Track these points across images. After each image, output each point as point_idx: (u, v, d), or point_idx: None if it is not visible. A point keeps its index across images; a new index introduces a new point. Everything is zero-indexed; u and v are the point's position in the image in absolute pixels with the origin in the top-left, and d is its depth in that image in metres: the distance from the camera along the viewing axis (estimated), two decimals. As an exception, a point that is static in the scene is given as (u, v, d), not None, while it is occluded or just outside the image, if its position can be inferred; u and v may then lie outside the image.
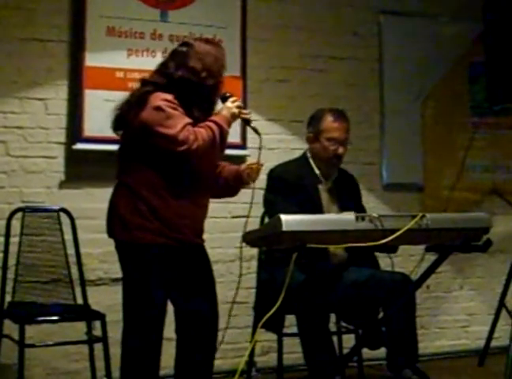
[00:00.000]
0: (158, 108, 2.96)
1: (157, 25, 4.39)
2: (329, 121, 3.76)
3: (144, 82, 3.13)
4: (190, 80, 3.06)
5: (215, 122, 3.03)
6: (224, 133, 3.04)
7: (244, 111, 3.21)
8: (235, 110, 3.14)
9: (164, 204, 3.00)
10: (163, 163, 3.00)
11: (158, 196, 3.00)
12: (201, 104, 3.08)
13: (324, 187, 3.80)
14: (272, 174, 3.79)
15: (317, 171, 3.80)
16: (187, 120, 2.98)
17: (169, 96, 3.00)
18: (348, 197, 3.81)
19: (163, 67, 3.14)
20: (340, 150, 3.75)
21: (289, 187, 3.67)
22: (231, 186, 3.29)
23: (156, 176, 3.01)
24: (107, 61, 4.26)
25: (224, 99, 3.16)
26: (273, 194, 3.71)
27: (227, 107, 3.13)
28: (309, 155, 3.84)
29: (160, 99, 2.98)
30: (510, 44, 4.54)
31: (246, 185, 3.27)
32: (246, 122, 3.25)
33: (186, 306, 3.11)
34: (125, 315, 3.09)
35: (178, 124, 2.94)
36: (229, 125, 3.10)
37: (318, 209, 3.66)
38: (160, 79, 3.08)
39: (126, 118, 3.05)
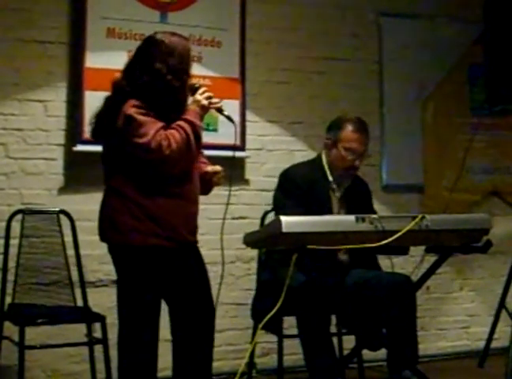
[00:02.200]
0: (129, 117, 2.93)
1: (157, 27, 4.35)
2: (349, 130, 3.71)
3: (114, 88, 3.10)
4: (156, 84, 3.00)
5: (186, 120, 3.00)
6: (197, 129, 3.01)
7: (214, 100, 3.14)
8: (205, 102, 3.10)
9: (154, 203, 2.99)
10: (143, 170, 2.99)
11: (146, 196, 2.99)
12: (169, 105, 3.04)
13: (335, 194, 3.77)
14: (285, 176, 3.76)
15: (330, 178, 3.76)
16: (159, 124, 2.95)
17: (138, 102, 2.97)
18: (358, 204, 3.76)
19: (129, 70, 3.10)
20: (357, 163, 3.71)
21: (301, 192, 3.64)
22: (204, 184, 3.24)
23: (141, 178, 3.00)
24: (107, 63, 4.24)
25: (194, 92, 3.12)
26: (285, 196, 3.68)
27: (196, 101, 3.09)
28: (324, 160, 3.80)
29: (131, 106, 2.96)
30: (509, 45, 4.54)
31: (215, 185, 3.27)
32: (219, 111, 3.20)
33: (182, 307, 3.10)
34: (120, 317, 3.09)
35: (150, 130, 2.91)
36: (201, 118, 3.07)
37: None
38: (126, 84, 3.04)
39: (102, 129, 3.06)
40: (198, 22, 4.46)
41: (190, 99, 3.12)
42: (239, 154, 4.44)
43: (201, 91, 3.11)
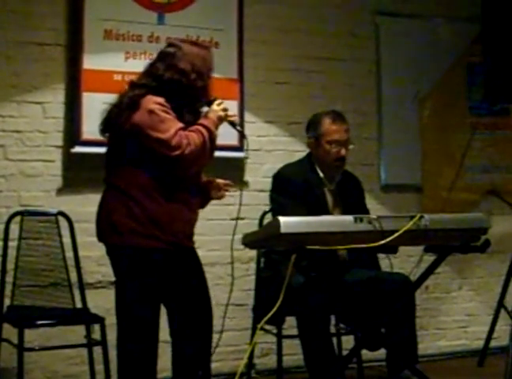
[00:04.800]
0: (151, 112, 2.95)
1: (154, 28, 4.38)
2: (328, 124, 3.75)
3: (133, 85, 3.11)
4: (180, 81, 3.04)
5: (204, 126, 3.02)
6: (213, 137, 3.04)
7: (230, 114, 3.21)
8: (222, 113, 3.13)
9: (158, 206, 2.99)
10: (155, 166, 2.98)
11: (151, 198, 2.98)
12: (190, 107, 3.08)
13: (328, 190, 3.80)
14: (280, 176, 3.78)
15: (321, 175, 3.79)
16: (179, 125, 2.97)
17: (161, 100, 2.99)
18: (351, 199, 3.80)
19: (151, 68, 3.12)
20: (343, 151, 3.74)
21: (297, 190, 3.66)
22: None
23: (147, 179, 2.99)
24: (105, 64, 4.25)
25: (209, 103, 3.15)
26: (283, 196, 3.69)
27: (213, 110, 3.12)
28: (313, 158, 3.82)
29: (153, 102, 2.97)
30: (507, 44, 4.55)
31: (212, 199, 3.31)
32: (232, 125, 3.25)
33: (180, 309, 3.10)
34: (119, 319, 3.09)
35: (171, 128, 2.93)
36: (217, 128, 3.10)
37: (325, 213, 3.65)
38: (149, 81, 3.06)
39: (117, 121, 3.03)
40: (196, 23, 4.45)
41: (205, 110, 3.15)
42: (237, 154, 4.45)
43: (217, 102, 3.15)
